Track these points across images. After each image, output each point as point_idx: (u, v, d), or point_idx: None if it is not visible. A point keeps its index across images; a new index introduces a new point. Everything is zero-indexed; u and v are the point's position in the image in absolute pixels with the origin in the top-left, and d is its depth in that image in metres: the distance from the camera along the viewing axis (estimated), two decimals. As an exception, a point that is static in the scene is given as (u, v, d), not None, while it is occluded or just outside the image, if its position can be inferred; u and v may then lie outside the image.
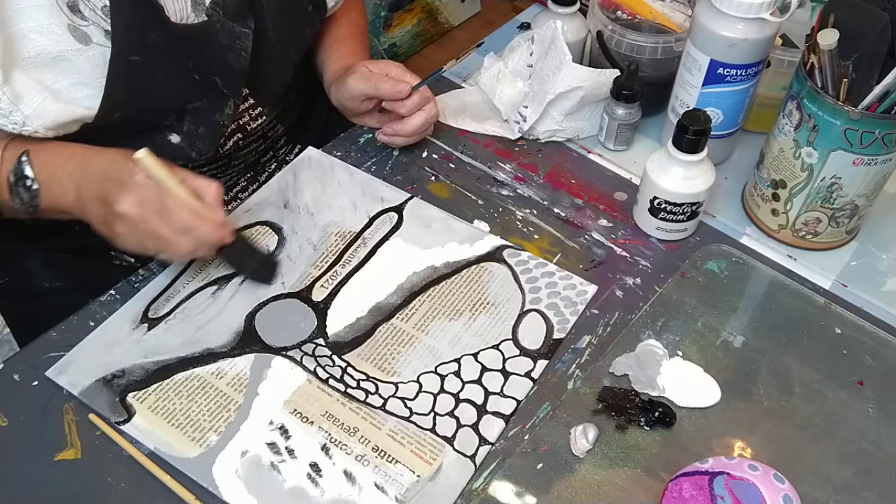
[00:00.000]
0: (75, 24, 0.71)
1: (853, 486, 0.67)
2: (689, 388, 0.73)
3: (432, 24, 2.38)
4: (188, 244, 0.71)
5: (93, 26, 0.72)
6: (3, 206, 0.77)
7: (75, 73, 0.72)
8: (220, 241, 0.73)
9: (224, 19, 0.79)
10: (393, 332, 0.76)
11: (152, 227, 0.70)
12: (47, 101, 0.71)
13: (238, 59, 0.81)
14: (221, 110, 0.83)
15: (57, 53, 0.71)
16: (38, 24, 0.70)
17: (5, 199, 0.75)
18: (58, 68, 0.72)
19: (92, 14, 0.71)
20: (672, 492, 0.64)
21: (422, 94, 0.87)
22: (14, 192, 0.74)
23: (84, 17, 0.71)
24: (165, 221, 0.70)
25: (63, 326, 0.75)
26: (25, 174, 0.74)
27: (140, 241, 0.71)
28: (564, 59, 0.90)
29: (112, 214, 0.70)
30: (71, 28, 0.71)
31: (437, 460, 0.68)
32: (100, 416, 0.69)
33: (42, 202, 0.75)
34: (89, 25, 0.72)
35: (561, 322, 0.78)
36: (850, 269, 0.85)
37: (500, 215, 0.88)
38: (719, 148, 0.91)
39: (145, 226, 0.70)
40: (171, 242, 0.71)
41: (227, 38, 0.80)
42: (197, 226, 0.71)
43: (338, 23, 0.99)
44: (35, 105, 0.71)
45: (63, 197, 0.74)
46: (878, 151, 0.75)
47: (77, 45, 0.72)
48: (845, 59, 0.74)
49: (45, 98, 0.71)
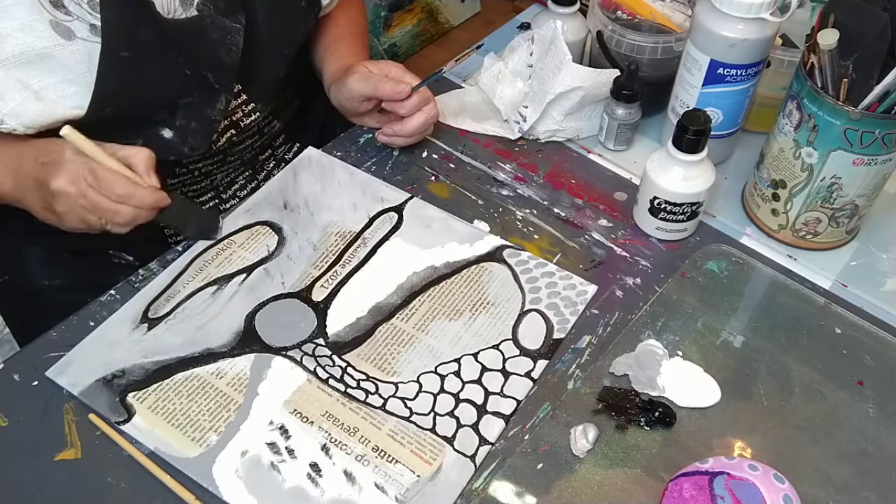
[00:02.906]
0: (57, 20, 0.71)
1: (853, 486, 0.67)
2: (689, 388, 0.73)
3: (432, 24, 2.38)
4: (128, 211, 0.74)
5: (77, 21, 0.72)
6: None
7: (61, 69, 0.72)
8: (158, 203, 0.76)
9: (214, 14, 0.79)
10: (393, 332, 0.76)
11: (91, 199, 0.72)
12: (27, 100, 0.72)
13: (229, 54, 0.81)
14: (213, 106, 0.83)
15: (40, 50, 0.71)
16: (20, 21, 0.70)
17: None
18: (43, 66, 0.72)
19: (77, 9, 0.71)
20: (672, 492, 0.64)
21: (422, 94, 0.87)
22: None
23: (68, 13, 0.71)
24: (101, 192, 0.72)
25: (63, 326, 0.75)
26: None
27: (82, 217, 0.74)
28: (564, 59, 0.90)
29: (50, 195, 0.73)
30: (53, 24, 0.71)
31: (437, 460, 0.68)
32: (100, 416, 0.69)
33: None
34: (73, 21, 0.72)
35: (561, 322, 0.78)
36: (850, 269, 0.85)
37: (500, 215, 0.88)
38: (719, 148, 0.92)
39: (84, 200, 0.72)
40: (112, 211, 0.73)
41: (217, 33, 0.80)
42: (133, 192, 0.73)
43: (337, 22, 0.99)
44: (14, 104, 0.72)
45: (1, 188, 0.77)
46: (878, 151, 0.75)
47: (60, 41, 0.72)
48: (845, 59, 0.74)
49: (26, 98, 0.72)
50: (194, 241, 0.83)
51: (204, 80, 0.81)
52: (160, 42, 0.76)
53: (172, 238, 0.93)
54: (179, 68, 0.79)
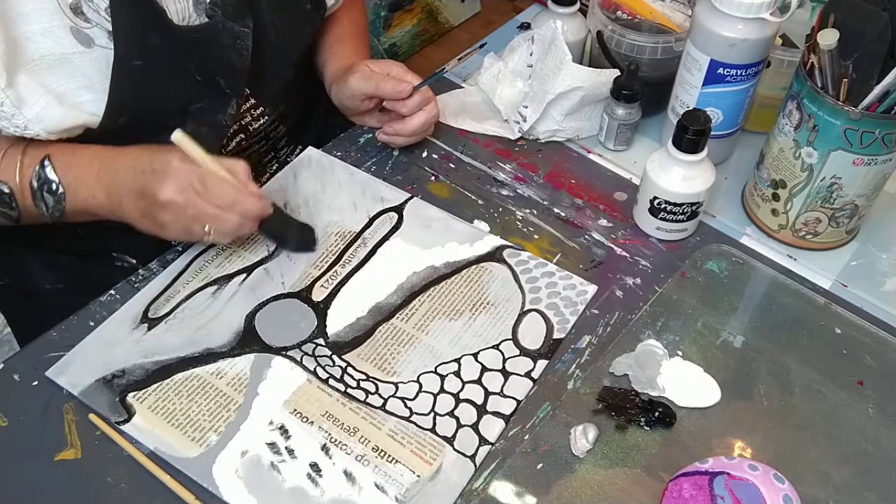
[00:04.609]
0: (77, 27, 0.71)
1: (853, 486, 0.67)
2: (689, 388, 0.73)
3: (432, 24, 2.38)
4: (234, 219, 0.73)
5: (96, 28, 0.72)
6: (26, 214, 0.76)
7: (79, 75, 0.72)
8: (263, 211, 0.75)
9: (224, 19, 0.79)
10: (393, 332, 0.76)
11: (199, 208, 0.71)
12: (51, 105, 0.71)
13: (241, 59, 0.81)
14: (224, 111, 0.83)
15: (60, 55, 0.71)
16: (41, 26, 0.70)
17: (28, 204, 0.75)
18: (62, 70, 0.72)
19: (95, 15, 0.71)
20: (672, 492, 0.64)
21: (423, 93, 0.87)
22: (38, 198, 0.74)
23: (87, 19, 0.71)
24: (209, 200, 0.71)
25: (63, 326, 0.75)
26: (49, 178, 0.73)
27: (187, 226, 0.73)
28: (564, 59, 0.90)
29: (155, 205, 0.71)
30: (73, 30, 0.71)
31: (437, 460, 0.68)
32: (100, 416, 0.69)
33: (68, 206, 0.75)
34: (92, 27, 0.72)
35: (561, 322, 0.78)
36: (850, 269, 0.85)
37: (500, 215, 0.88)
38: (719, 148, 0.91)
39: (192, 209, 0.71)
40: (219, 219, 0.72)
41: (228, 38, 0.80)
42: (240, 199, 0.72)
43: (339, 22, 0.99)
44: (38, 109, 0.71)
45: (92, 199, 0.75)
46: (878, 151, 0.75)
47: (80, 48, 0.72)
48: (845, 59, 0.74)
49: (49, 102, 0.71)
50: (294, 253, 0.82)
51: (215, 86, 0.81)
52: (171, 49, 0.76)
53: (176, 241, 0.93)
54: (190, 74, 0.79)
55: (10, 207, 0.75)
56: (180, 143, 0.71)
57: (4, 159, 0.73)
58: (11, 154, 0.74)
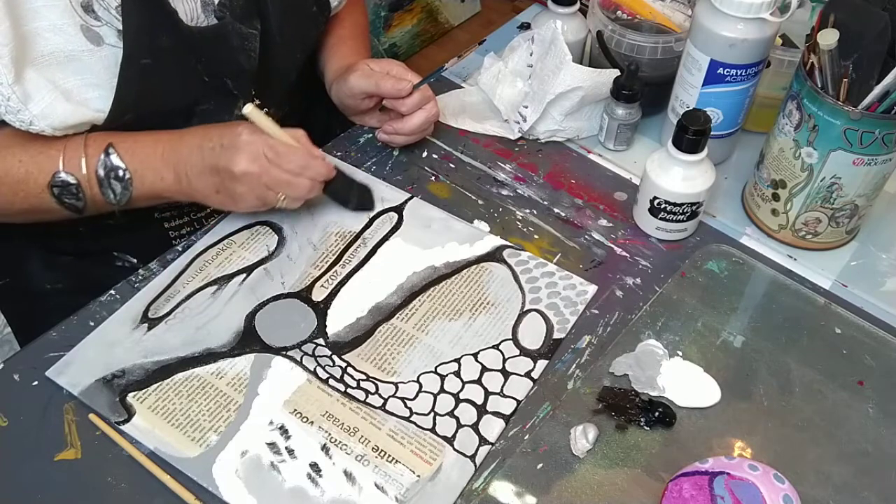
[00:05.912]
0: (88, 25, 0.71)
1: (853, 486, 0.67)
2: (689, 388, 0.73)
3: (432, 24, 2.38)
4: (305, 183, 0.77)
5: (106, 27, 0.72)
6: (91, 204, 0.77)
7: (87, 73, 0.72)
8: (329, 173, 0.80)
9: (232, 20, 0.80)
10: (393, 332, 0.76)
11: (272, 175, 0.75)
12: (57, 101, 0.71)
13: (248, 60, 0.82)
14: (230, 112, 0.83)
15: (69, 52, 0.71)
16: (52, 23, 0.70)
17: (95, 193, 0.76)
18: (70, 67, 0.72)
19: (106, 14, 0.72)
20: (672, 492, 0.64)
21: (423, 92, 0.87)
22: (106, 185, 0.76)
23: (97, 18, 0.72)
24: (281, 167, 0.75)
25: (63, 326, 0.75)
26: (116, 165, 0.75)
27: (261, 195, 0.76)
28: (564, 59, 0.90)
29: (230, 178, 0.74)
30: (83, 28, 0.71)
31: (437, 460, 0.68)
32: (100, 416, 0.69)
33: (135, 191, 0.77)
34: (102, 26, 0.72)
35: (561, 322, 0.78)
36: (850, 269, 0.85)
37: (500, 215, 0.88)
38: (719, 148, 0.92)
39: (266, 177, 0.75)
40: (291, 185, 0.76)
41: (237, 39, 0.80)
42: (309, 163, 0.77)
43: (340, 23, 0.99)
44: (44, 105, 0.71)
45: (160, 182, 0.77)
46: (878, 151, 0.75)
47: (89, 46, 0.72)
48: (845, 59, 0.74)
49: (55, 99, 0.71)
50: (355, 212, 0.86)
51: (222, 87, 0.82)
52: (180, 49, 0.76)
53: (175, 240, 0.93)
54: (198, 75, 0.79)
55: (77, 198, 0.76)
56: (251, 116, 0.75)
57: (68, 151, 0.75)
58: (74, 146, 0.75)
